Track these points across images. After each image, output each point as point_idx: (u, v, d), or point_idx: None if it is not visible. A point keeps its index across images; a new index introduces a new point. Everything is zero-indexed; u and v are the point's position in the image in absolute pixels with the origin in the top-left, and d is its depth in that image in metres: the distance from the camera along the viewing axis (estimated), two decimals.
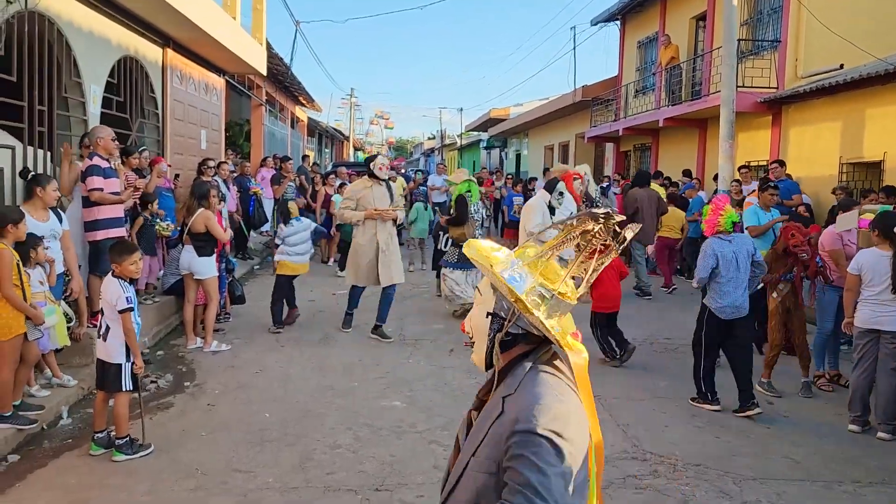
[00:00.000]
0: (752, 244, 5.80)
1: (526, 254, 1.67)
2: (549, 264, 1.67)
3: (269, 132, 19.10)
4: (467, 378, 6.35)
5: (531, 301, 1.60)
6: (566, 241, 1.64)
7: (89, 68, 7.78)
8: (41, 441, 4.82)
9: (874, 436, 5.18)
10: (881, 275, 5.21)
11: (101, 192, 6.37)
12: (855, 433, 5.25)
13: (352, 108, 50.68)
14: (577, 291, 1.67)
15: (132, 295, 4.59)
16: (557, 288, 1.63)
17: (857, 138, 10.33)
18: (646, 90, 18.13)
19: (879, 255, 5.30)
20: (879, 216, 5.52)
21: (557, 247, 1.64)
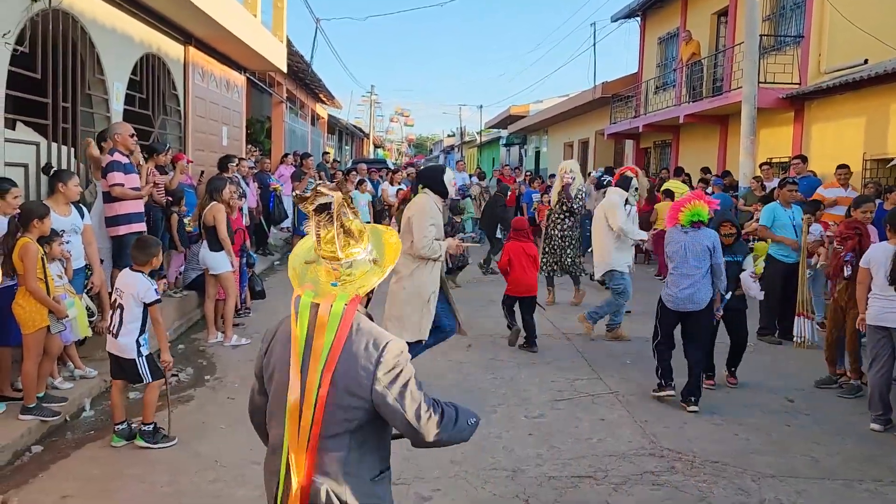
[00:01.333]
0: (713, 241, 5.59)
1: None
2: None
3: (290, 129, 19.22)
4: (485, 373, 6.37)
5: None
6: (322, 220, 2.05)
7: (112, 65, 7.89)
8: (64, 432, 4.90)
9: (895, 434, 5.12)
10: (886, 268, 5.17)
11: (122, 187, 6.46)
12: (877, 432, 5.19)
13: (372, 106, 50.79)
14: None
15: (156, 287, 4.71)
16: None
17: (881, 134, 10.20)
18: (666, 86, 18.00)
19: (888, 249, 5.24)
20: (891, 211, 5.48)
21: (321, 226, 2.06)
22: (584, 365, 6.71)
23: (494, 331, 7.90)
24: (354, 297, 2.06)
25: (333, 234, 2.04)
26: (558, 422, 5.22)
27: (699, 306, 5.56)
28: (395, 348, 2.03)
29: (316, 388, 1.98)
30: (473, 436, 4.96)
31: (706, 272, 5.56)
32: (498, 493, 4.08)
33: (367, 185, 13.92)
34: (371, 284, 2.10)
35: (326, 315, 2.02)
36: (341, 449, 2.03)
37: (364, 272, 2.11)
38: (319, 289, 2.08)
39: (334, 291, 2.06)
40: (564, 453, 4.65)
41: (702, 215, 5.60)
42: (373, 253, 2.15)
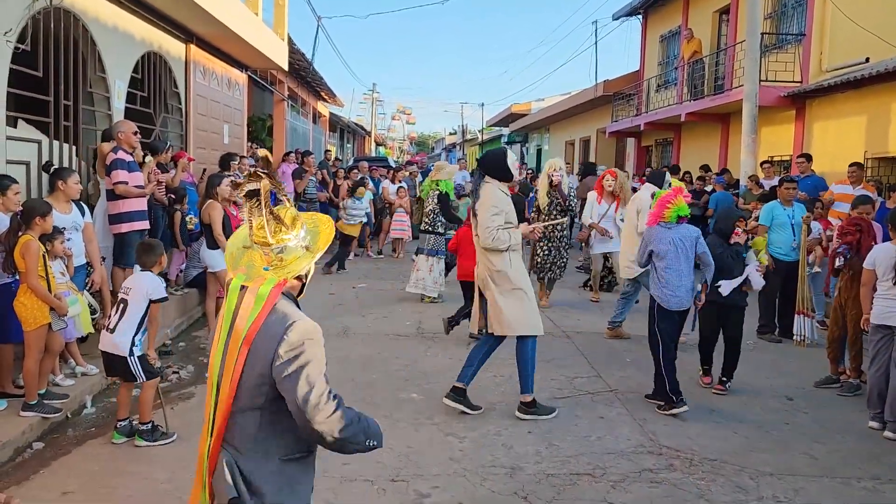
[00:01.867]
0: (697, 233, 5.55)
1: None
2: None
3: (291, 127, 19.22)
4: (484, 371, 6.35)
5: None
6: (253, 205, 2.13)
7: (114, 64, 7.90)
8: (65, 429, 4.92)
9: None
10: (892, 269, 5.16)
11: (126, 185, 6.48)
12: (876, 430, 5.20)
13: (374, 104, 50.78)
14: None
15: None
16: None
17: (882, 133, 10.19)
18: (668, 84, 18.00)
19: (890, 249, 5.25)
20: (892, 211, 5.49)
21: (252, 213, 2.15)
22: (584, 363, 6.72)
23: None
24: (281, 281, 2.15)
25: (264, 221, 2.13)
26: (557, 419, 5.23)
27: (687, 305, 5.57)
28: (302, 328, 2.08)
29: (233, 365, 2.07)
30: (473, 432, 5.00)
31: (693, 267, 5.56)
32: (497, 490, 4.10)
33: (369, 184, 13.93)
34: (300, 269, 2.20)
35: (253, 297, 2.11)
36: (250, 424, 2.11)
37: (296, 258, 2.20)
38: (252, 273, 2.19)
39: (265, 275, 2.16)
40: (563, 451, 4.66)
41: (685, 211, 5.57)
42: (305, 240, 2.23)
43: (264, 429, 2.11)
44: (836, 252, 6.14)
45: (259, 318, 2.09)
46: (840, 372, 6.23)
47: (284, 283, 2.16)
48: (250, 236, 2.20)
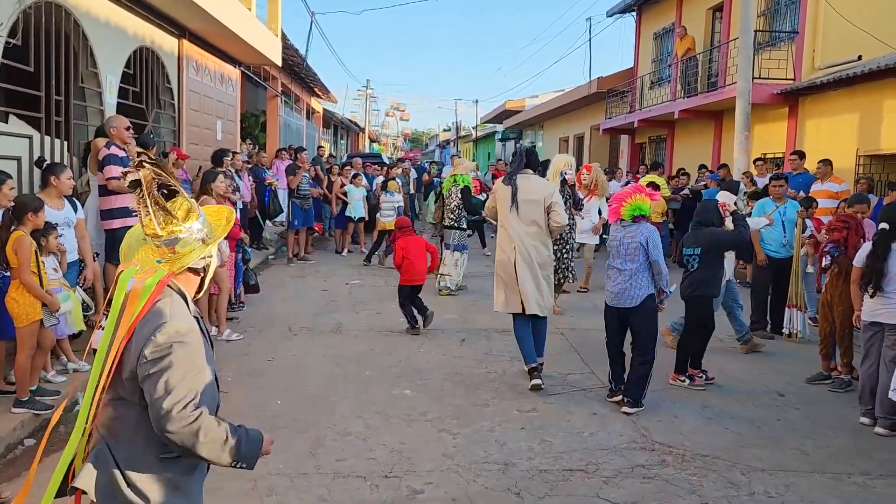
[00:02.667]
0: (650, 236, 5.39)
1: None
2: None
3: (285, 123, 19.19)
4: (478, 367, 6.39)
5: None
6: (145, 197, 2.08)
7: (106, 58, 7.86)
8: (57, 426, 4.89)
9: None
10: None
11: (119, 181, 6.44)
12: (867, 426, 5.23)
13: (367, 100, 50.73)
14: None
15: None
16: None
17: (874, 130, 10.23)
18: (661, 82, 18.02)
19: None
20: (883, 209, 5.53)
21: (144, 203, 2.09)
22: (577, 359, 6.73)
23: (489, 325, 7.92)
24: (168, 274, 2.11)
25: (150, 212, 2.08)
26: (550, 415, 5.24)
27: (633, 303, 5.38)
28: (171, 330, 2.03)
29: (112, 356, 2.04)
30: (466, 429, 5.00)
31: (640, 268, 5.38)
32: (490, 486, 4.10)
33: (362, 180, 13.92)
34: (192, 261, 2.14)
35: (139, 289, 2.07)
36: (128, 416, 2.09)
37: (190, 250, 2.15)
38: (144, 266, 2.14)
39: (156, 268, 2.11)
40: (556, 447, 4.67)
41: (643, 209, 5.45)
42: (202, 232, 2.17)
43: (142, 424, 2.06)
44: (824, 251, 6.17)
45: (141, 312, 2.05)
46: (832, 368, 6.25)
47: (171, 276, 2.12)
48: (143, 228, 2.14)
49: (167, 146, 9.72)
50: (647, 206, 5.48)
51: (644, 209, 5.45)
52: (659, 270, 5.40)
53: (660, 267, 5.39)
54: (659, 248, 5.42)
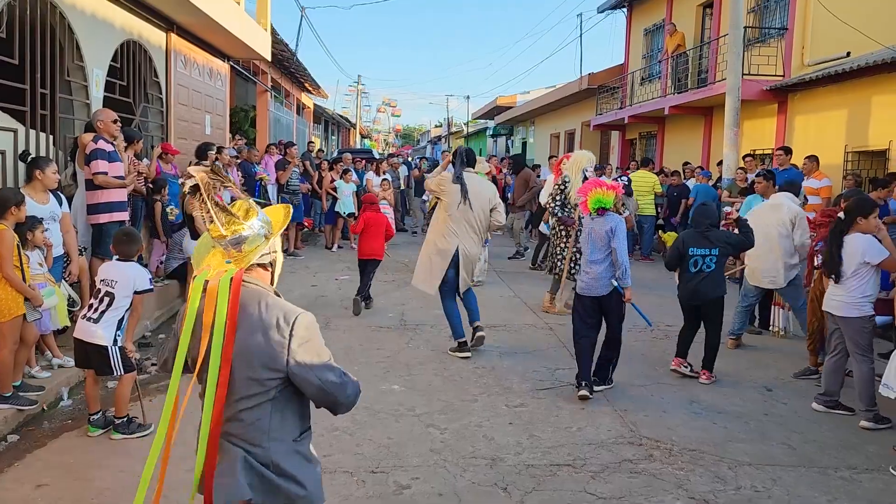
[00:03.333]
0: (614, 226, 5.55)
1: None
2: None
3: (275, 118, 19.09)
4: (467, 363, 6.37)
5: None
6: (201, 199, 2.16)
7: (92, 52, 7.78)
8: (41, 422, 4.86)
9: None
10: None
11: (106, 175, 6.40)
12: (819, 412, 5.35)
13: (358, 95, 50.57)
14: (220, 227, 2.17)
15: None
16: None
17: (862, 127, 10.27)
18: (652, 78, 18.04)
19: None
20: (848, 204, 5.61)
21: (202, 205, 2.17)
22: (566, 354, 6.73)
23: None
24: (239, 270, 2.18)
25: (212, 215, 2.16)
26: (539, 410, 5.23)
27: (604, 291, 5.57)
28: (305, 320, 2.20)
29: (217, 364, 2.11)
30: (454, 424, 5.00)
31: (608, 258, 5.55)
32: (477, 481, 4.09)
33: (352, 175, 13.87)
34: (255, 257, 2.23)
35: (215, 287, 2.14)
36: (262, 417, 2.17)
37: (255, 247, 2.23)
38: (215, 268, 2.21)
39: (226, 268, 2.19)
40: (544, 442, 4.66)
41: (605, 202, 5.59)
42: (264, 228, 2.25)
43: (275, 418, 2.19)
44: (815, 250, 6.20)
45: (233, 313, 2.12)
46: (819, 364, 6.26)
47: (242, 272, 2.18)
48: (209, 233, 2.22)
49: (155, 141, 9.64)
50: (610, 198, 5.60)
51: (605, 202, 5.59)
52: (617, 259, 5.52)
53: (618, 255, 5.51)
54: (622, 238, 5.57)
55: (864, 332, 5.21)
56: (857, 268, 5.14)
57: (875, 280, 5.21)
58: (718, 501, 3.93)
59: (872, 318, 5.24)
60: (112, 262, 4.70)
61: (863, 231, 5.19)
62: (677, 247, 6.07)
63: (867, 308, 5.19)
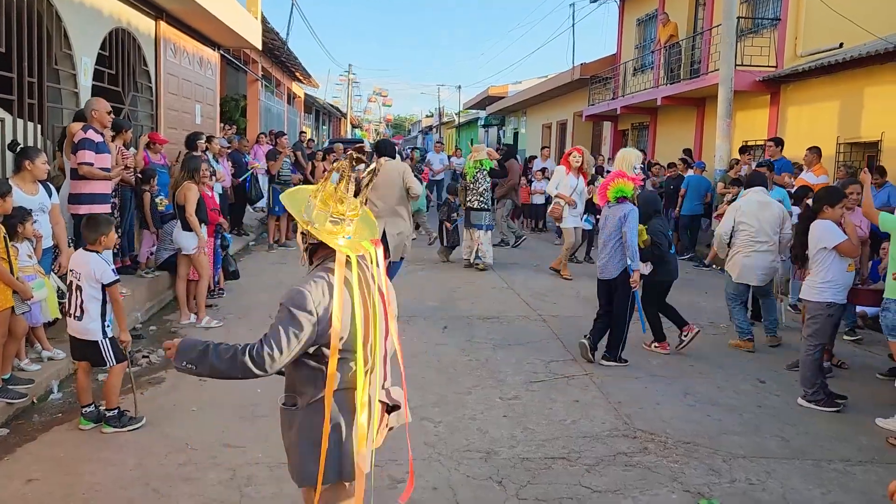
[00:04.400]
0: (627, 213, 6.00)
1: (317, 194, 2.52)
2: (327, 194, 2.47)
3: (266, 108, 18.97)
4: (460, 355, 6.35)
5: (306, 221, 2.49)
6: (328, 179, 2.48)
7: (80, 40, 7.68)
8: (31, 415, 4.81)
9: (867, 415, 5.19)
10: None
11: (91, 166, 6.31)
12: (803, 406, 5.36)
13: (349, 85, 50.37)
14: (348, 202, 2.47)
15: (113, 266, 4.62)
16: (322, 208, 2.47)
17: (854, 118, 10.28)
18: (644, 68, 18.00)
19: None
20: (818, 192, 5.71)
21: (324, 183, 2.50)
22: (559, 346, 6.72)
23: (471, 312, 7.89)
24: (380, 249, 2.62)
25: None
26: (533, 403, 5.22)
27: (612, 275, 6.07)
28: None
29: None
30: (448, 417, 4.97)
31: (619, 244, 6.01)
32: (471, 474, 4.08)
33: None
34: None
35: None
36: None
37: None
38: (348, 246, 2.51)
39: (362, 245, 2.56)
40: (538, 435, 4.65)
41: (625, 191, 6.08)
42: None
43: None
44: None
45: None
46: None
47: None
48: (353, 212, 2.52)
49: (144, 130, 9.55)
50: (629, 188, 6.08)
51: (625, 191, 6.08)
52: (626, 244, 5.97)
53: (628, 239, 5.96)
54: (633, 224, 5.99)
55: (817, 317, 5.28)
56: (816, 253, 5.28)
57: (838, 267, 5.25)
58: (713, 494, 3.92)
59: (831, 305, 5.27)
60: (79, 250, 4.60)
61: (829, 219, 5.31)
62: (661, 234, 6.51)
63: (827, 294, 5.25)
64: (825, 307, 5.26)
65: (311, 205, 2.49)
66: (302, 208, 2.51)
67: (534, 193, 15.42)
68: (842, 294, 5.30)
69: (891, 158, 9.38)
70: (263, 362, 2.36)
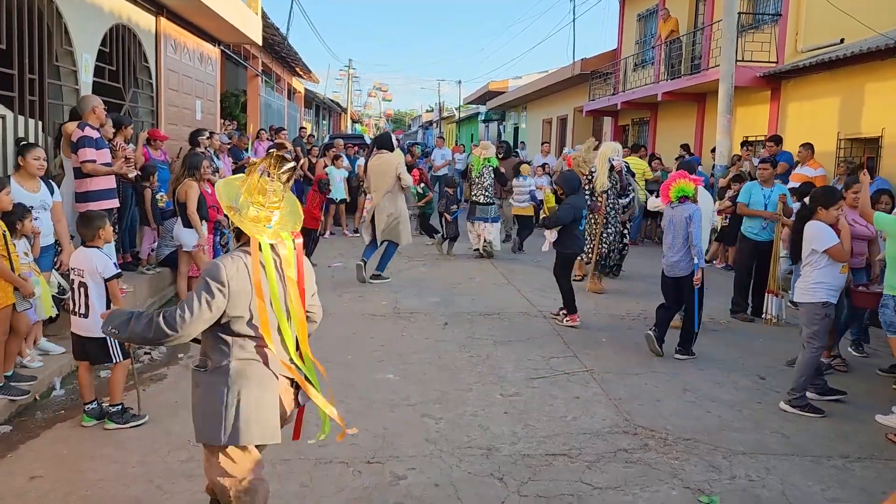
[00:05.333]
0: (692, 213, 6.20)
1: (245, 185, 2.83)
2: (255, 189, 2.79)
3: (266, 103, 18.94)
4: (461, 352, 6.37)
5: (230, 207, 2.79)
6: (253, 172, 2.79)
7: (80, 36, 7.68)
8: (34, 412, 4.83)
9: (867, 412, 5.20)
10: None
11: (94, 163, 6.32)
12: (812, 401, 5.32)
13: (349, 80, 50.28)
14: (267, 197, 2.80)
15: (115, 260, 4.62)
16: (246, 197, 2.78)
17: (855, 114, 10.27)
18: (645, 64, 17.97)
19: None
20: (815, 190, 5.68)
21: (250, 176, 2.81)
22: (560, 343, 6.73)
23: (472, 309, 7.90)
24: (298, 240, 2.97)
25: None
26: (533, 400, 5.24)
27: (683, 272, 6.27)
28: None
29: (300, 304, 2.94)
30: (449, 413, 4.99)
31: (686, 241, 6.21)
32: (473, 471, 4.09)
33: (344, 161, 13.79)
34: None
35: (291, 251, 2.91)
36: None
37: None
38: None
39: (283, 237, 2.88)
40: (539, 431, 4.67)
41: (687, 191, 6.30)
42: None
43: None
44: None
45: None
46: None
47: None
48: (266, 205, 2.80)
49: (145, 126, 9.54)
50: (691, 187, 6.31)
51: (687, 190, 6.31)
52: (692, 242, 6.19)
53: (693, 239, 6.18)
54: (698, 224, 6.22)
55: (814, 318, 5.22)
56: (808, 255, 5.23)
57: (830, 269, 5.17)
58: (713, 491, 3.94)
59: (826, 305, 5.20)
60: (80, 248, 4.62)
61: (822, 221, 5.24)
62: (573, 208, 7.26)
63: (820, 294, 5.18)
64: (821, 307, 5.20)
65: (239, 194, 2.79)
66: (233, 196, 2.80)
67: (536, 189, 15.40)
68: (835, 295, 5.24)
69: (891, 155, 9.38)
70: (175, 322, 2.66)
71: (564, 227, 7.23)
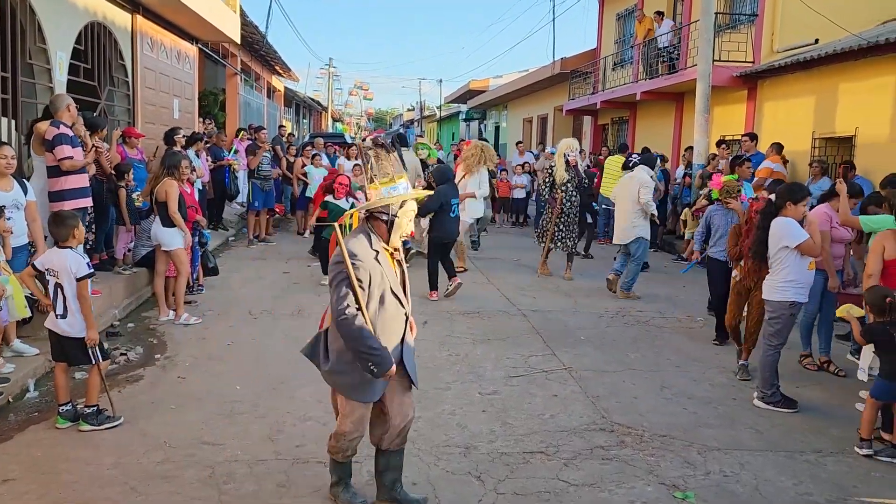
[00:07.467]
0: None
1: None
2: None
3: (245, 102, 18.84)
4: (440, 349, 6.38)
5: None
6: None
7: (54, 34, 7.59)
8: (6, 414, 4.76)
9: (839, 407, 5.28)
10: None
11: (72, 159, 6.25)
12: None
13: (330, 78, 50.12)
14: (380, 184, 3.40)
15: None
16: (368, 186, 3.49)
17: (829, 113, 10.40)
18: (624, 63, 18.08)
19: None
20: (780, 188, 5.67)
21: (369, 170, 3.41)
22: (539, 341, 6.76)
23: (451, 307, 7.91)
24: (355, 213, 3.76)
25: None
26: (512, 398, 5.26)
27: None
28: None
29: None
30: (427, 412, 4.99)
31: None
32: (451, 469, 4.10)
33: (323, 160, 13.71)
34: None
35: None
36: None
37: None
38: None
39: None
40: (517, 429, 4.69)
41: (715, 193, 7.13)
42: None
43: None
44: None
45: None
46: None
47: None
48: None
49: (122, 125, 9.45)
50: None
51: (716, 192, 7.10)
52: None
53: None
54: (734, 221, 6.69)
55: (780, 317, 5.21)
56: (777, 252, 5.18)
57: (799, 266, 5.13)
58: (688, 486, 3.98)
59: (793, 304, 5.19)
60: (53, 248, 4.57)
61: (791, 216, 5.19)
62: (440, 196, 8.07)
63: (789, 293, 5.16)
64: (788, 307, 5.18)
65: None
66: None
67: (514, 188, 15.47)
68: (804, 293, 5.22)
69: (864, 154, 9.51)
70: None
71: (435, 215, 8.20)
